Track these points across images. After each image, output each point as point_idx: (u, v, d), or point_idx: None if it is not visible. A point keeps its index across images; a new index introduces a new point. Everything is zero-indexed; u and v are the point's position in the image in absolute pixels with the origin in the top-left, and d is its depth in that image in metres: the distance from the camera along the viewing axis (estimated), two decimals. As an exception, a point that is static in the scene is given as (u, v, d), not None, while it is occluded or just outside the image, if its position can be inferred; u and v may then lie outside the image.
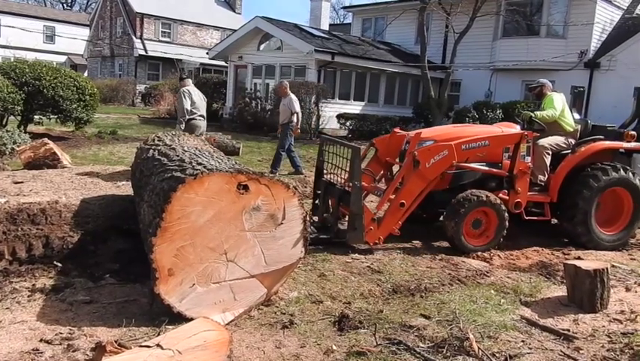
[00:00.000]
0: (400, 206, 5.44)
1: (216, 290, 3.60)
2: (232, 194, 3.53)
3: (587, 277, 4.19)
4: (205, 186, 3.43)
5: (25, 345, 3.12)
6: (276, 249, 3.80)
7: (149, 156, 4.69)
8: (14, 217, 4.55)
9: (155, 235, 3.32)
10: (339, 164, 5.69)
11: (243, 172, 3.59)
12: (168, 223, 3.33)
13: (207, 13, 36.50)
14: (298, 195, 3.87)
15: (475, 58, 20.51)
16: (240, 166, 3.88)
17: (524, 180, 5.96)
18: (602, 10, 19.39)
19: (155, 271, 3.36)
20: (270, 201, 3.70)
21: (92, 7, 51.06)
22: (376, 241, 5.43)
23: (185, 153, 4.32)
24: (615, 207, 6.38)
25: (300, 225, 3.88)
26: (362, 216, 5.26)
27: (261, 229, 3.70)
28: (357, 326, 3.62)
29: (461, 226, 5.59)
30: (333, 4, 50.97)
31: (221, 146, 11.67)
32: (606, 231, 6.27)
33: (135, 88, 31.19)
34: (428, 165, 5.47)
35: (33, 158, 8.07)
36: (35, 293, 3.86)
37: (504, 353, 3.36)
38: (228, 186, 3.52)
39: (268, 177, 3.72)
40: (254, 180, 3.60)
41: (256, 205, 3.63)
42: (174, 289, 3.44)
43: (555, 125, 6.36)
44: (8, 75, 11.61)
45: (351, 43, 20.95)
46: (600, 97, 18.55)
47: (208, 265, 3.53)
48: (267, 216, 3.71)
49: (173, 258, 3.40)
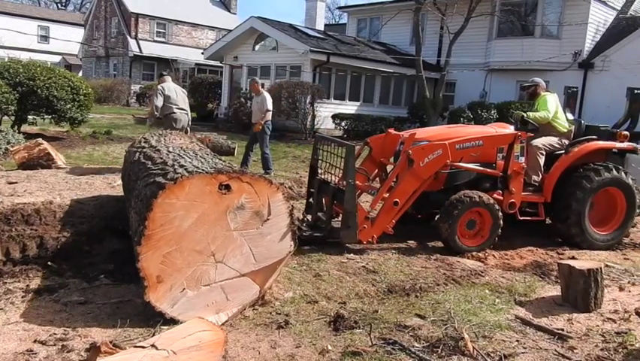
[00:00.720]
0: (394, 205, 5.45)
1: (207, 292, 3.59)
2: (214, 195, 3.50)
3: (581, 276, 4.22)
4: (186, 190, 3.39)
5: (19, 346, 3.11)
6: (264, 245, 3.78)
7: (135, 159, 4.68)
8: (8, 218, 4.53)
9: (140, 244, 3.29)
10: (334, 162, 5.69)
11: (223, 172, 3.55)
12: (152, 231, 3.30)
13: (202, 13, 36.41)
14: (282, 190, 3.84)
15: (470, 58, 20.56)
16: (220, 165, 3.84)
17: (518, 180, 5.99)
18: (596, 11, 19.48)
19: (143, 280, 3.34)
20: (254, 198, 3.66)
21: (86, 7, 50.93)
22: (370, 239, 5.42)
23: (169, 155, 4.29)
24: (609, 207, 6.41)
25: (286, 219, 3.86)
26: (356, 215, 5.25)
27: (247, 227, 3.68)
28: (353, 326, 3.62)
29: (455, 227, 5.60)
30: (329, 4, 50.91)
31: (216, 146, 11.65)
32: (600, 231, 6.31)
33: (130, 88, 31.08)
34: (422, 164, 5.48)
35: (27, 158, 8.04)
36: (29, 294, 3.84)
37: (499, 353, 3.37)
38: (209, 187, 3.48)
39: (249, 174, 3.68)
40: (235, 179, 3.57)
41: (240, 204, 3.60)
42: (164, 295, 3.43)
43: (549, 126, 6.39)
44: (2, 75, 11.55)
45: (346, 44, 20.96)
46: (594, 97, 18.63)
47: (197, 269, 3.51)
48: (252, 214, 3.68)
49: (160, 265, 3.37)
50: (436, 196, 5.90)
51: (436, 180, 5.85)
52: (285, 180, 8.67)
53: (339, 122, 18.51)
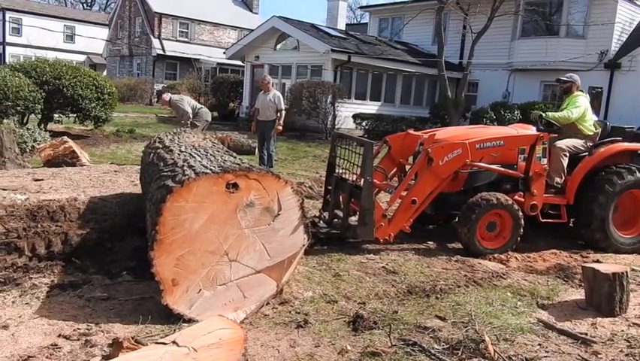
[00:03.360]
0: (412, 203, 5.39)
1: (224, 291, 3.60)
2: (222, 195, 3.49)
3: (605, 280, 4.13)
4: (194, 192, 3.37)
5: (44, 340, 3.17)
6: (277, 240, 3.76)
7: (150, 160, 4.72)
8: (34, 214, 4.61)
9: (153, 249, 3.32)
10: (352, 160, 5.65)
11: (229, 171, 3.53)
12: (163, 235, 3.32)
13: (225, 12, 36.68)
14: (290, 183, 3.81)
15: (493, 58, 20.34)
16: (229, 163, 3.82)
17: (540, 182, 5.88)
18: (623, 10, 19.10)
19: (159, 284, 3.37)
20: (263, 195, 3.64)
21: (111, 7, 51.71)
22: (387, 237, 5.37)
23: (180, 155, 4.26)
24: (634, 209, 6.27)
25: (297, 212, 3.83)
26: (373, 212, 5.19)
27: (259, 223, 3.66)
28: (372, 327, 3.61)
29: (474, 231, 5.52)
30: (350, 3, 50.95)
31: (237, 145, 11.73)
32: (625, 234, 6.17)
33: (153, 87, 31.46)
34: (442, 163, 5.41)
35: (53, 156, 8.19)
36: (54, 289, 3.91)
37: (520, 357, 3.33)
38: (217, 187, 3.46)
39: (257, 170, 3.66)
40: (242, 177, 3.55)
41: (249, 201, 3.58)
42: (181, 297, 3.45)
43: (574, 127, 6.26)
44: (29, 74, 11.80)
45: (367, 43, 20.91)
46: (621, 98, 18.28)
47: (211, 269, 3.52)
48: (263, 210, 3.66)
49: (175, 268, 3.39)
50: (456, 198, 5.83)
51: (455, 181, 5.78)
52: (306, 180, 8.68)
53: (360, 122, 18.47)
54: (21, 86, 11.00)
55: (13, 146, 8.20)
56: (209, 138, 5.73)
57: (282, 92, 19.83)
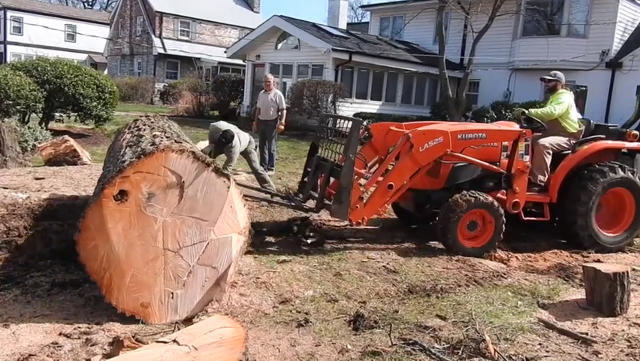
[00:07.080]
0: (388, 188, 5.32)
1: (193, 278, 3.54)
2: (118, 210, 3.29)
3: (606, 280, 4.13)
4: (92, 229, 3.28)
5: (45, 339, 3.17)
6: (202, 202, 3.51)
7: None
8: (35, 213, 4.62)
9: (106, 298, 3.35)
10: (337, 140, 5.53)
11: (106, 186, 3.29)
12: (100, 278, 3.33)
13: (226, 11, 36.67)
14: (168, 150, 3.44)
15: (494, 57, 20.30)
16: (108, 176, 3.47)
17: (522, 179, 5.82)
18: (624, 9, 19.06)
19: (135, 315, 3.39)
20: (153, 178, 3.37)
21: (112, 6, 51.70)
22: (360, 220, 5.30)
23: (115, 162, 3.93)
24: (617, 207, 6.24)
25: (200, 166, 3.49)
26: (350, 192, 5.10)
27: (172, 203, 3.43)
28: (373, 326, 3.61)
29: (455, 231, 5.47)
30: (351, 3, 50.81)
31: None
32: (609, 232, 6.15)
33: (154, 86, 31.45)
34: (422, 150, 5.35)
35: (54, 155, 8.20)
36: (55, 288, 3.92)
37: (521, 356, 3.33)
38: (108, 210, 3.27)
39: (128, 164, 3.34)
40: (122, 181, 3.30)
41: (146, 194, 3.35)
42: (161, 311, 3.45)
43: (558, 125, 6.21)
44: (30, 73, 11.80)
45: (368, 43, 20.89)
46: (622, 97, 18.23)
47: (166, 271, 3.45)
48: (164, 190, 3.40)
49: (134, 295, 3.38)
50: (438, 195, 5.79)
51: (437, 178, 5.73)
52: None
53: (361, 121, 18.44)
54: (22, 85, 11.00)
55: (14, 145, 8.22)
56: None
57: (283, 91, 19.84)
